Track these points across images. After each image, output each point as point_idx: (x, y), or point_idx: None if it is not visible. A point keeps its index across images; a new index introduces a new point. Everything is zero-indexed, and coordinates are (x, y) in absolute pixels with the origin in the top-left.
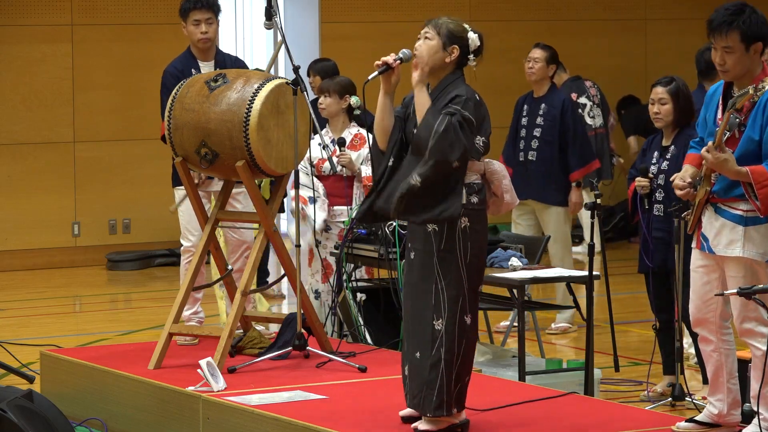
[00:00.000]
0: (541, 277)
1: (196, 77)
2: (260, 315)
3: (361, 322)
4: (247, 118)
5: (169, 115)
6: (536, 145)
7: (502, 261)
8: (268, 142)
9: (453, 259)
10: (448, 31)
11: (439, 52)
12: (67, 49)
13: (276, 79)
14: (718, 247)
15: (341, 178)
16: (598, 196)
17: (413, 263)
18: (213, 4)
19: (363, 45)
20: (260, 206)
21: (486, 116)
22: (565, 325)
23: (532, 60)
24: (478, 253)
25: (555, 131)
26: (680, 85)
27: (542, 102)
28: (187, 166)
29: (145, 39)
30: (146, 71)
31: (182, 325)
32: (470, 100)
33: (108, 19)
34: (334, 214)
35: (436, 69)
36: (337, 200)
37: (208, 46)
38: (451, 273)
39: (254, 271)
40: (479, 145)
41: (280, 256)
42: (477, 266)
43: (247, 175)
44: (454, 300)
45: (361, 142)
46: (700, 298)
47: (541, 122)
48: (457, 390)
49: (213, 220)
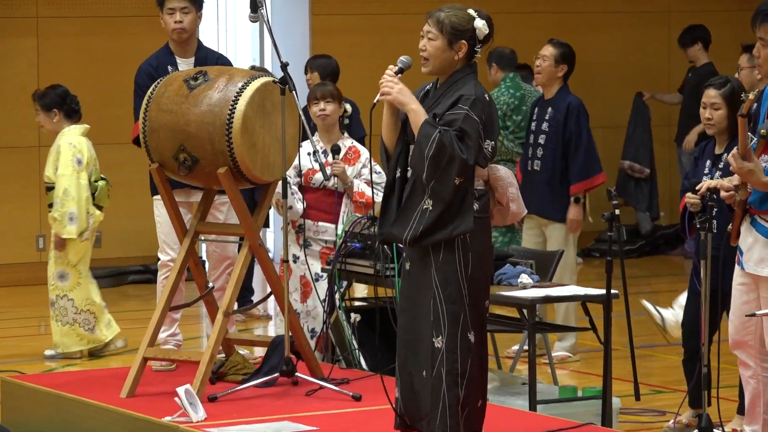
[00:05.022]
0: (554, 296)
1: (174, 75)
2: (244, 338)
3: (355, 346)
4: (230, 120)
5: (144, 116)
6: (541, 153)
7: (511, 278)
8: (253, 147)
9: (452, 271)
10: (452, 27)
11: (446, 52)
12: (31, 44)
13: (262, 77)
14: (749, 264)
15: (331, 192)
16: (616, 206)
17: (410, 275)
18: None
19: (357, 40)
20: (244, 218)
21: (495, 118)
22: (564, 354)
23: (540, 57)
24: (480, 265)
25: (559, 138)
26: (735, 87)
27: (549, 106)
28: (164, 173)
29: (118, 33)
30: (120, 68)
31: (158, 349)
32: (478, 101)
33: (77, 11)
34: (318, 230)
35: (446, 68)
36: (323, 216)
37: (183, 38)
38: (450, 286)
39: (237, 289)
40: (487, 150)
41: (266, 272)
42: (479, 279)
43: (230, 182)
44: (454, 315)
45: (355, 156)
46: (738, 318)
47: (546, 128)
48: (465, 415)
49: (192, 233)
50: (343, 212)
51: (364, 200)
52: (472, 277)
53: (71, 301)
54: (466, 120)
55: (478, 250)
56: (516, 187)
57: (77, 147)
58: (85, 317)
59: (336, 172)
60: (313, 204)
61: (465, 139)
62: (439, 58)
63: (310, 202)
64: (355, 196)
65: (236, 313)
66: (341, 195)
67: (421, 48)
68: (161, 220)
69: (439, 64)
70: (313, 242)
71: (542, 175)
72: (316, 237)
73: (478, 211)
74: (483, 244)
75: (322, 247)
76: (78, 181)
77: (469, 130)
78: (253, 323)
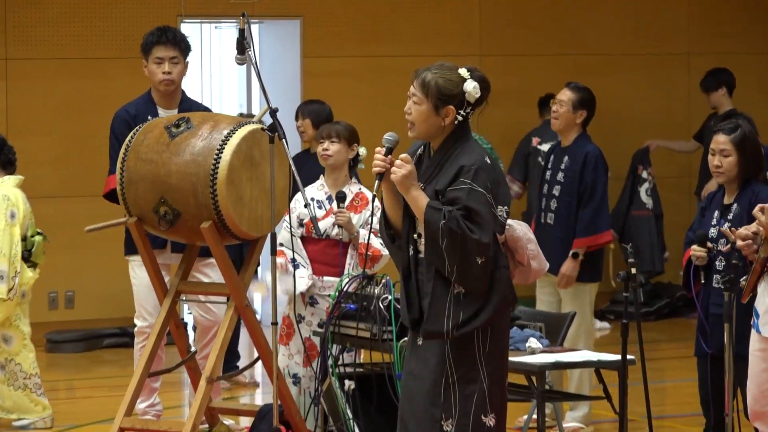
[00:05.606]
0: (565, 361)
1: (155, 122)
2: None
3: (350, 416)
4: (214, 170)
5: (121, 166)
6: (555, 205)
7: (519, 342)
8: (239, 200)
9: (469, 346)
10: (437, 91)
11: (431, 118)
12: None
13: (249, 125)
14: (766, 327)
15: (335, 243)
16: (632, 265)
17: (419, 349)
18: (180, 40)
19: (353, 84)
20: (230, 276)
21: (501, 181)
22: (576, 426)
23: (557, 103)
24: (500, 338)
25: (574, 190)
26: (746, 132)
27: (565, 154)
28: (143, 228)
29: (94, 76)
30: (95, 114)
31: (136, 419)
32: (481, 170)
33: (49, 52)
34: (323, 286)
35: (432, 134)
36: (328, 269)
37: (171, 89)
38: (466, 364)
39: (222, 353)
40: (502, 217)
41: (254, 335)
42: (498, 354)
43: (215, 238)
44: (468, 397)
45: (362, 203)
46: (757, 386)
47: (561, 178)
48: None
49: (173, 292)
50: (348, 264)
51: (370, 253)
52: (490, 353)
53: (19, 366)
54: (470, 196)
55: (497, 322)
56: (534, 242)
57: (11, 200)
58: (35, 381)
59: (340, 222)
60: (317, 257)
61: (474, 217)
62: (424, 123)
63: (313, 255)
64: (360, 247)
65: (221, 379)
66: (347, 245)
67: (406, 110)
68: (138, 282)
69: (425, 129)
70: (319, 299)
71: (556, 230)
72: (322, 293)
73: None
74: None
75: (329, 305)
76: (10, 236)
77: (476, 206)
78: (239, 391)
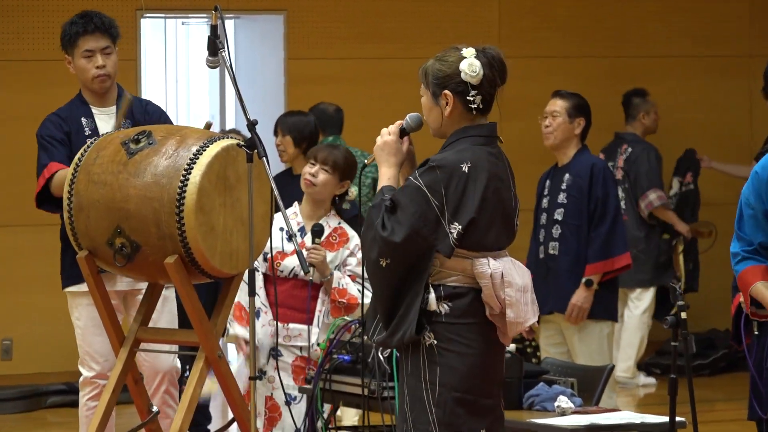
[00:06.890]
0: (602, 424)
1: (110, 136)
2: None
3: None
4: (181, 195)
5: (69, 189)
6: (558, 233)
7: (546, 401)
8: (211, 230)
9: (418, 389)
10: (433, 77)
11: (433, 109)
12: None
13: (223, 140)
14: None
15: (304, 284)
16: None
17: None
18: (110, 26)
19: (345, 91)
20: (200, 322)
21: (467, 194)
22: None
23: (549, 116)
24: (456, 388)
25: (583, 211)
26: None
27: (566, 172)
28: (95, 263)
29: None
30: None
31: None
32: (442, 168)
33: None
34: (289, 334)
35: (442, 130)
36: (295, 315)
37: (107, 85)
38: (416, 409)
39: (190, 414)
40: (452, 236)
41: (227, 391)
42: (455, 408)
43: (181, 275)
44: None
45: (340, 240)
46: None
47: (563, 199)
48: None
49: (131, 341)
50: (318, 311)
51: (345, 300)
52: (441, 402)
53: None
54: (406, 188)
55: (451, 367)
56: (515, 288)
57: None
58: None
59: (314, 261)
60: (282, 299)
61: (395, 211)
62: (429, 117)
63: (278, 298)
64: (333, 293)
65: None
66: (318, 288)
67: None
68: (81, 323)
69: (433, 125)
70: (283, 350)
71: (562, 261)
72: (287, 344)
73: (449, 313)
74: (463, 359)
75: (295, 358)
76: None
77: (403, 201)
78: None
